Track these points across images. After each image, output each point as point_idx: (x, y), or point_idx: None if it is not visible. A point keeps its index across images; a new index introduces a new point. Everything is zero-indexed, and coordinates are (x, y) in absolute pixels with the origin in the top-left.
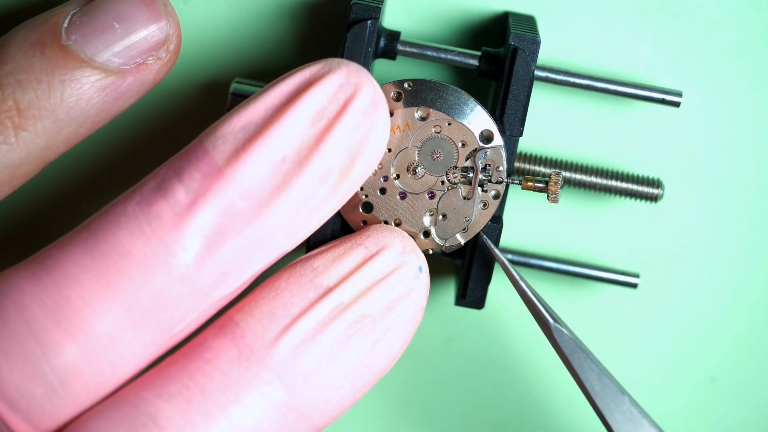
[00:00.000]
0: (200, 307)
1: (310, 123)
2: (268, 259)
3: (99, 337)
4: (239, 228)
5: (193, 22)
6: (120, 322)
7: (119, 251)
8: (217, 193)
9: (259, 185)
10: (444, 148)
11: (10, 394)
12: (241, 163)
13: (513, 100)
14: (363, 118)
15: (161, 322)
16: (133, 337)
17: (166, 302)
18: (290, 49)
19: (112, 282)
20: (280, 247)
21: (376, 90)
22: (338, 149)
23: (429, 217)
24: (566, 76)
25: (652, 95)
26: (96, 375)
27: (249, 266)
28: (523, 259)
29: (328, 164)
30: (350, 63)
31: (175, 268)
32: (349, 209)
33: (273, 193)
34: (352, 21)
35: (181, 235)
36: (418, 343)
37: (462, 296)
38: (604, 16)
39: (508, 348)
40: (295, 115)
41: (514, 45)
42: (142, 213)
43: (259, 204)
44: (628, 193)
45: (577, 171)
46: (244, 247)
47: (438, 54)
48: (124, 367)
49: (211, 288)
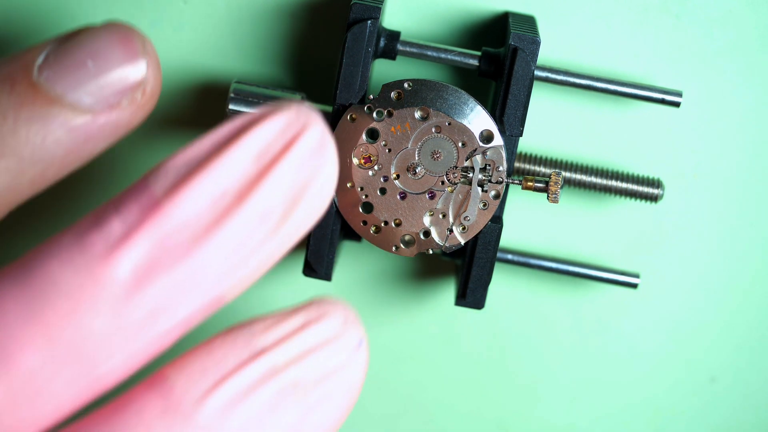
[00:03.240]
0: (127, 348)
1: (253, 159)
2: (200, 300)
3: (19, 371)
4: (172, 262)
5: (193, 22)
6: (41, 356)
7: (47, 281)
8: (152, 225)
9: (195, 219)
10: (444, 148)
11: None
12: (179, 196)
13: (513, 100)
14: (308, 158)
15: (85, 359)
16: (55, 373)
17: (91, 338)
18: (290, 49)
19: (37, 313)
20: (213, 287)
21: (324, 131)
22: (280, 188)
23: (429, 217)
24: (566, 76)
25: (652, 95)
26: (13, 414)
27: (181, 305)
28: (523, 259)
29: (268, 203)
30: (303, 104)
31: (103, 301)
32: (349, 209)
33: (209, 227)
34: (352, 21)
35: (112, 266)
36: (418, 343)
37: (462, 296)
38: (604, 16)
39: (508, 348)
40: (239, 151)
41: (514, 45)
42: (75, 244)
43: (194, 237)
44: (628, 193)
45: (577, 171)
46: (177, 283)
47: (438, 54)
48: (43, 406)
49: (139, 327)
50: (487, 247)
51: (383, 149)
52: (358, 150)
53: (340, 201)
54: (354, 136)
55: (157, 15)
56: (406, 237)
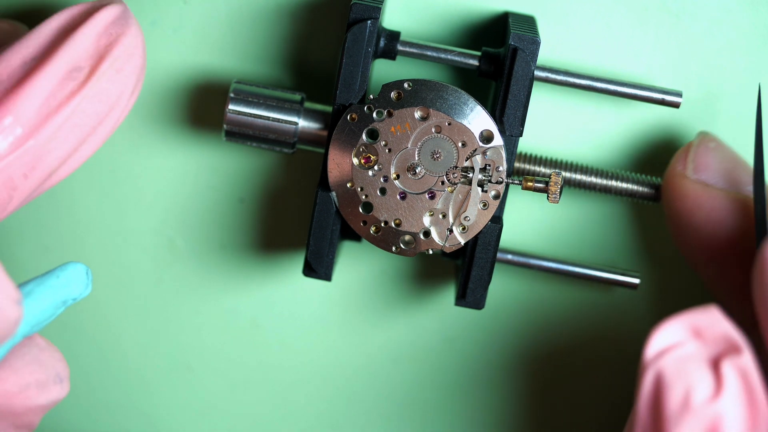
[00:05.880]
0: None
1: (58, 29)
2: (18, 148)
3: None
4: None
5: (193, 22)
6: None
7: None
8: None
9: (7, 78)
10: (444, 148)
11: None
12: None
13: (513, 100)
14: (109, 26)
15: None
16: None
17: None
18: (290, 49)
19: None
20: (29, 134)
21: (125, 8)
22: (83, 47)
23: (429, 217)
24: (566, 76)
25: (652, 95)
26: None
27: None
28: (523, 259)
29: (73, 61)
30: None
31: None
32: (349, 209)
33: (21, 81)
34: (352, 21)
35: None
36: (418, 343)
37: (462, 296)
38: (604, 16)
39: (507, 348)
40: (45, 26)
41: (514, 45)
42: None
43: (7, 90)
44: (628, 193)
45: (576, 171)
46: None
47: (438, 54)
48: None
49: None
50: (487, 248)
51: (383, 149)
52: (358, 150)
53: (340, 201)
54: (354, 137)
55: (157, 15)
56: (406, 237)
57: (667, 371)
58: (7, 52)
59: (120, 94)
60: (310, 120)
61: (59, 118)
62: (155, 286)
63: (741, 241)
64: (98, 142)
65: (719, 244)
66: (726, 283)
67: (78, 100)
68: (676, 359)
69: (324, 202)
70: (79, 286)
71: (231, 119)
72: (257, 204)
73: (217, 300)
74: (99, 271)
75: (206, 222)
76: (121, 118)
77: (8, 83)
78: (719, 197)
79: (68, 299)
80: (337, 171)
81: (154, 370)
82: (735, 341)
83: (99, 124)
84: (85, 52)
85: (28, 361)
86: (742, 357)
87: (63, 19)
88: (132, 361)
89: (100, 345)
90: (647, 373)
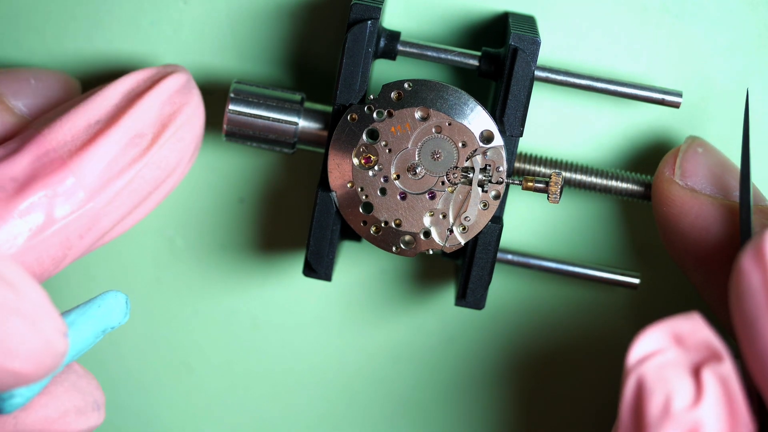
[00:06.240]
0: (11, 250)
1: (123, 95)
2: (77, 210)
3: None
4: (50, 172)
5: (193, 22)
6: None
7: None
8: (30, 146)
9: (72, 140)
10: (444, 149)
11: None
12: (56, 124)
13: (513, 101)
14: (173, 95)
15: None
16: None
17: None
18: (290, 49)
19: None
20: (89, 198)
21: (189, 77)
22: (148, 116)
23: (429, 217)
24: (566, 76)
25: (652, 95)
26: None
27: (59, 211)
28: (524, 259)
29: (138, 128)
30: (169, 65)
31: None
32: (349, 210)
33: (85, 145)
34: (352, 21)
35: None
36: (418, 343)
37: (462, 296)
38: (605, 16)
39: (508, 348)
40: (110, 90)
41: (514, 45)
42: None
43: (70, 153)
44: (628, 194)
45: (577, 171)
46: (56, 192)
47: (438, 54)
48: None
49: (25, 226)
50: (487, 248)
51: (383, 149)
52: (358, 150)
53: (341, 201)
54: (354, 137)
55: (157, 15)
56: (406, 237)
57: (648, 377)
58: (73, 112)
59: (178, 162)
60: (310, 120)
61: (119, 183)
62: (155, 286)
63: (727, 247)
64: (152, 206)
65: (705, 250)
66: (713, 287)
67: (139, 167)
68: (657, 366)
69: (324, 203)
70: (119, 314)
71: (231, 119)
72: (257, 204)
73: (217, 300)
74: (99, 271)
75: (206, 222)
76: (176, 184)
77: (72, 145)
78: (706, 203)
79: (107, 328)
80: (338, 171)
81: (154, 370)
82: (716, 349)
83: (155, 189)
84: (149, 120)
85: (67, 387)
86: (722, 365)
87: (129, 83)
88: (131, 361)
89: (100, 345)
90: (629, 379)
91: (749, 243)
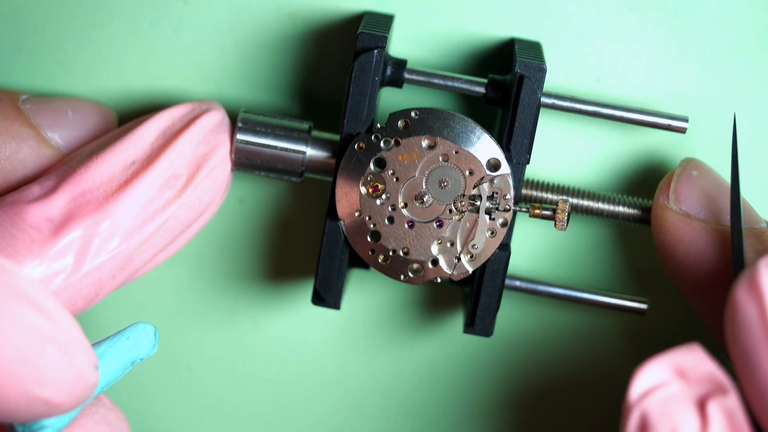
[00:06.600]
0: (51, 289)
1: (159, 134)
2: (113, 252)
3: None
4: (86, 213)
5: (193, 22)
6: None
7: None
8: (67, 186)
9: (108, 181)
10: (451, 177)
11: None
12: (92, 164)
13: (519, 128)
14: (208, 135)
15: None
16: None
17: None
18: (297, 77)
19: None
20: (124, 241)
21: (224, 115)
22: (184, 157)
23: (437, 245)
24: (573, 102)
25: (658, 121)
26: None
27: (94, 254)
28: (532, 285)
29: (173, 169)
30: (204, 101)
31: (24, 244)
32: (358, 238)
33: (121, 187)
34: (358, 50)
35: (30, 215)
36: (427, 370)
37: (470, 324)
38: (605, 16)
39: (517, 373)
40: (146, 128)
41: (520, 73)
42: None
43: (107, 195)
44: (634, 219)
45: (583, 197)
46: (92, 232)
47: (444, 82)
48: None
49: (62, 268)
50: (495, 275)
51: (391, 178)
52: (365, 179)
53: (349, 230)
54: (362, 166)
55: (157, 15)
56: (414, 265)
57: (652, 412)
58: (110, 151)
59: (211, 201)
60: (317, 149)
61: (153, 225)
62: (155, 287)
63: (721, 273)
64: (182, 244)
65: (700, 276)
66: (710, 313)
67: (173, 208)
68: (660, 400)
69: (332, 231)
70: (147, 346)
71: (240, 149)
72: (266, 232)
73: (226, 329)
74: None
75: (213, 250)
76: (206, 222)
77: (109, 186)
78: (699, 229)
79: (136, 359)
80: (345, 200)
81: (154, 370)
82: (721, 381)
83: (187, 227)
84: (184, 161)
85: (97, 420)
86: (728, 397)
87: (165, 121)
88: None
89: (107, 321)
90: (632, 415)
91: (743, 274)
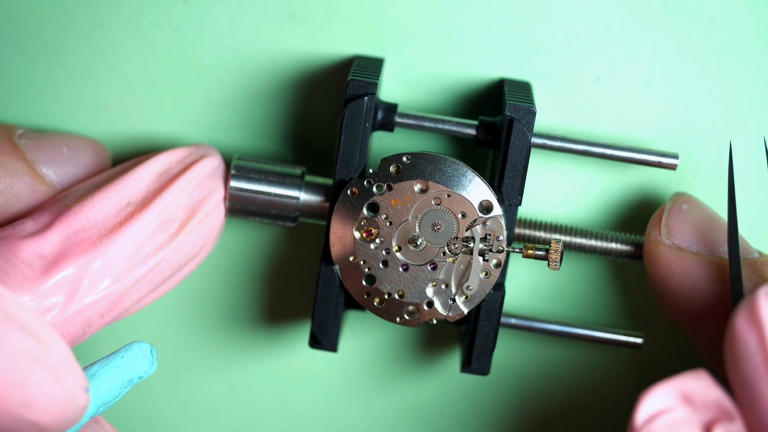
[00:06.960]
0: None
1: (155, 177)
2: (102, 291)
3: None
4: (79, 252)
5: (193, 22)
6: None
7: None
8: (60, 224)
9: (102, 221)
10: (444, 220)
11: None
12: (87, 203)
13: (510, 171)
14: (204, 180)
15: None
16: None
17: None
18: (289, 123)
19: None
20: (115, 281)
21: (220, 161)
22: (179, 201)
23: (432, 287)
24: (563, 142)
25: (649, 158)
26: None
27: (85, 293)
28: (527, 323)
29: (168, 213)
30: (201, 145)
31: (16, 281)
32: (353, 282)
33: (114, 228)
34: (349, 98)
35: (22, 251)
36: (425, 410)
37: (467, 364)
38: (604, 15)
39: (515, 411)
40: (143, 170)
41: (509, 116)
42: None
43: (100, 236)
44: (626, 255)
45: (576, 235)
46: (84, 272)
47: (435, 125)
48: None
49: (52, 305)
50: (490, 315)
51: (384, 222)
52: (359, 224)
53: (344, 274)
54: (355, 211)
55: (157, 15)
56: (409, 308)
57: None
58: (105, 191)
59: (203, 247)
60: (311, 193)
61: (145, 268)
62: (152, 331)
63: (717, 304)
64: (172, 286)
65: (696, 309)
66: (707, 343)
67: (165, 252)
68: (666, 424)
69: (327, 276)
70: (144, 364)
71: (233, 196)
72: (261, 276)
73: (223, 375)
74: None
75: (209, 295)
76: (196, 266)
77: (103, 226)
78: (691, 262)
79: (134, 378)
80: (340, 245)
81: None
82: (727, 407)
83: (178, 270)
84: (179, 205)
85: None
86: (734, 424)
87: (161, 164)
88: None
89: (99, 344)
90: None
91: (742, 304)
